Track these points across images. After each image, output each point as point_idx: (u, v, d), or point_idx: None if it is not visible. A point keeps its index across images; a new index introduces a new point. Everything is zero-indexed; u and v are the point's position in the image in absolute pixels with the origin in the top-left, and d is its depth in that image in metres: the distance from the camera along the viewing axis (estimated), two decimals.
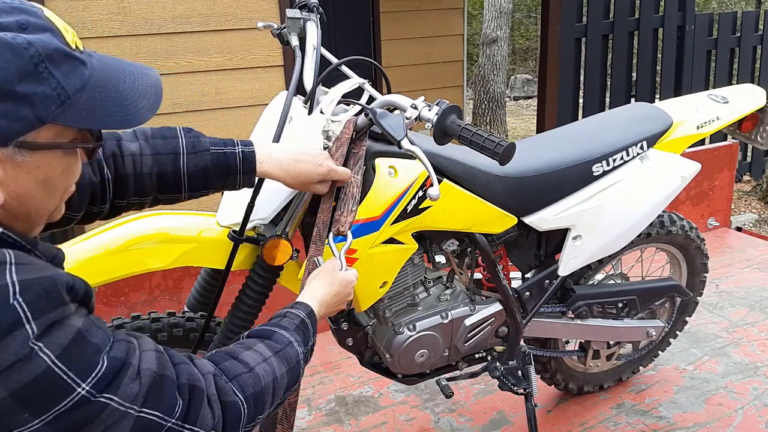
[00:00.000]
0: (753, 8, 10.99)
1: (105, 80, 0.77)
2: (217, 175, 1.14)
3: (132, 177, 1.08)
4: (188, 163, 1.12)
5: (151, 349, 0.80)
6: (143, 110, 0.80)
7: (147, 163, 1.09)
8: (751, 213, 5.49)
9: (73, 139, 0.76)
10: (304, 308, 1.06)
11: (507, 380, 1.81)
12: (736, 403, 2.15)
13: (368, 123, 1.33)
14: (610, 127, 1.85)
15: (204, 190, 1.17)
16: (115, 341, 0.76)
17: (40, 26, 0.71)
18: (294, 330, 1.00)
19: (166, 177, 1.11)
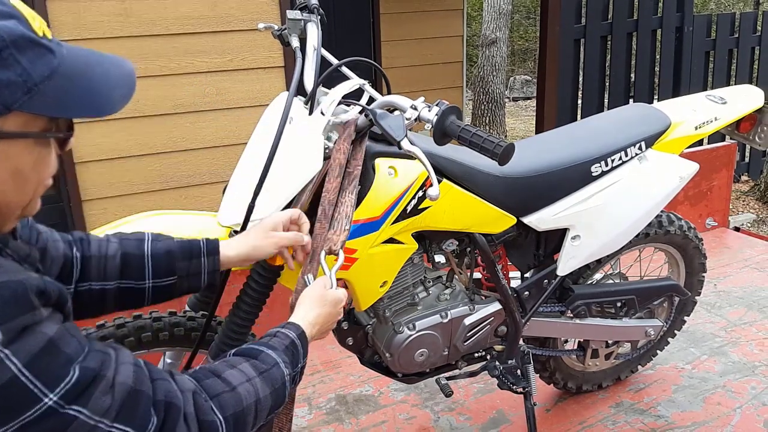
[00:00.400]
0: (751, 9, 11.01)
1: (75, 69, 0.75)
2: (182, 258, 1.12)
3: (96, 258, 1.06)
4: (153, 246, 1.12)
5: (129, 363, 0.78)
6: (116, 100, 0.78)
7: (113, 247, 1.09)
8: (749, 213, 5.50)
9: (43, 129, 0.74)
10: (295, 329, 1.03)
11: (506, 379, 1.82)
12: (734, 402, 2.16)
13: (368, 123, 1.35)
14: (609, 127, 1.86)
15: (168, 278, 1.12)
16: (90, 351, 0.74)
17: (5, 13, 0.70)
18: (282, 351, 0.98)
19: (131, 259, 1.09)
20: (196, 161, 3.49)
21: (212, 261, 1.15)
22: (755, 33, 5.94)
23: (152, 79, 3.29)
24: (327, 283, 1.15)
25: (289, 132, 1.34)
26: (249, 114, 3.47)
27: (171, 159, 3.43)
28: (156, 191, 3.45)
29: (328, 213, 1.28)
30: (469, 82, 8.80)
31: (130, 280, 1.09)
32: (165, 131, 3.38)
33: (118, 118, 3.28)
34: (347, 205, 1.27)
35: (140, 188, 3.41)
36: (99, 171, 3.31)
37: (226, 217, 1.35)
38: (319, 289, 1.13)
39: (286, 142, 1.30)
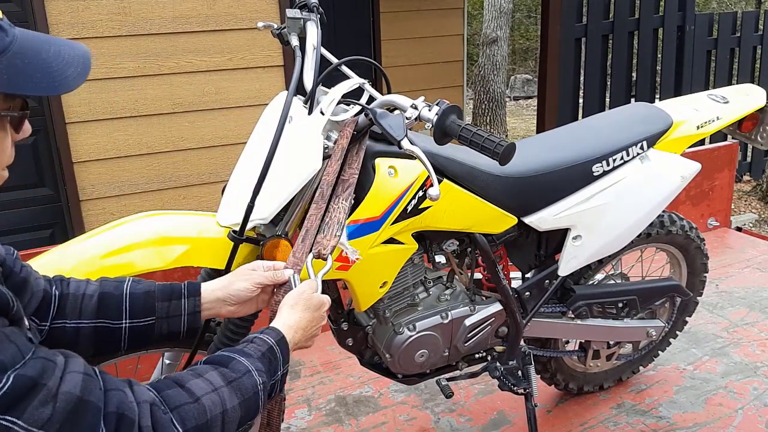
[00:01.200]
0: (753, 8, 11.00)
1: (27, 48, 0.76)
2: (161, 299, 1.07)
3: (73, 296, 1.03)
4: (132, 286, 1.08)
5: (79, 372, 0.74)
6: (70, 78, 0.79)
7: (91, 287, 1.06)
8: (751, 213, 5.49)
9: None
10: (274, 335, 0.98)
11: (507, 380, 1.81)
12: (736, 403, 2.15)
13: (368, 123, 1.34)
14: (610, 127, 1.85)
15: (146, 319, 1.06)
16: (31, 359, 0.70)
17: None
18: (258, 358, 0.92)
19: (108, 298, 1.05)
20: (195, 161, 3.48)
21: (192, 302, 1.09)
22: (757, 32, 5.93)
23: (151, 78, 3.29)
24: (313, 286, 1.09)
25: (289, 131, 1.33)
26: (248, 113, 3.46)
27: (170, 159, 3.43)
28: (155, 191, 3.44)
29: (326, 194, 1.26)
30: (469, 82, 8.79)
31: (106, 319, 1.04)
32: (164, 131, 3.38)
33: (116, 117, 3.27)
34: (340, 211, 1.23)
35: (139, 188, 3.41)
36: (97, 171, 3.30)
37: (225, 216, 1.35)
38: (304, 292, 1.07)
39: (285, 141, 1.29)
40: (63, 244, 1.32)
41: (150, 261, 1.29)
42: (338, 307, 1.64)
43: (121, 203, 3.39)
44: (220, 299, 1.11)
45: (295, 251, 1.18)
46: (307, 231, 1.22)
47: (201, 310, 1.10)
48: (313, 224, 1.22)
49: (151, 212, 1.40)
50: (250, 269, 1.14)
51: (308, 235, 1.21)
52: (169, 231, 1.33)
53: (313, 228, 1.21)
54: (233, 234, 1.31)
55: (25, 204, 3.27)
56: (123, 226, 1.34)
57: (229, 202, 1.36)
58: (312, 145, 1.34)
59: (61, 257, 1.26)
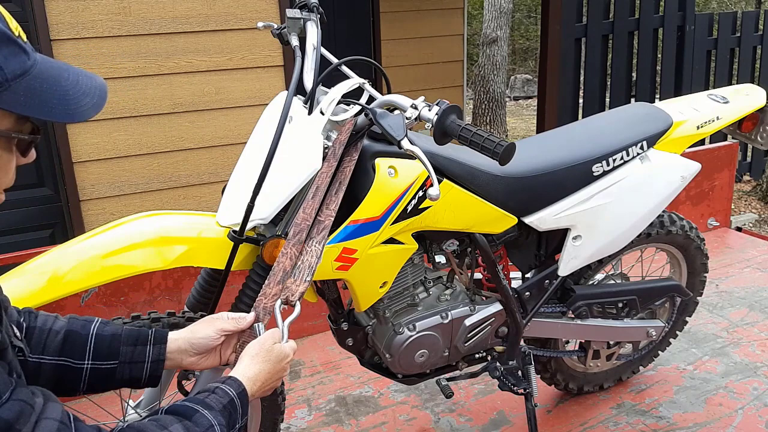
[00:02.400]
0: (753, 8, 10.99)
1: (47, 73, 0.76)
2: (127, 343, 1.06)
3: (39, 330, 1.02)
4: (99, 328, 1.06)
5: (55, 419, 0.74)
6: (86, 107, 0.78)
7: (59, 324, 1.05)
8: (751, 213, 5.49)
9: (8, 129, 0.74)
10: (236, 386, 0.97)
11: (507, 380, 1.81)
12: (736, 403, 2.15)
13: (368, 123, 1.34)
14: (610, 127, 1.85)
15: (109, 362, 1.04)
16: (10, 401, 0.70)
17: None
18: (220, 411, 0.92)
19: (74, 337, 1.03)
20: (195, 161, 3.48)
21: (157, 350, 1.07)
22: (757, 32, 5.93)
23: (151, 78, 3.28)
24: (276, 336, 1.06)
25: (289, 131, 1.33)
26: (248, 113, 3.46)
27: (170, 159, 3.43)
28: (155, 191, 3.44)
29: (317, 195, 1.25)
30: (469, 81, 8.79)
31: (69, 358, 1.02)
32: (163, 131, 3.37)
33: (116, 117, 3.27)
34: (312, 255, 1.18)
35: (139, 188, 3.41)
36: (97, 171, 3.30)
37: (225, 217, 1.35)
38: (266, 342, 1.05)
39: (285, 141, 1.30)
40: (63, 244, 1.32)
41: (150, 261, 1.29)
42: (338, 307, 1.64)
43: (121, 203, 3.39)
44: (181, 349, 1.09)
45: (265, 291, 1.13)
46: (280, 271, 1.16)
47: (164, 358, 1.08)
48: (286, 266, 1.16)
49: (151, 212, 1.40)
50: (214, 317, 1.12)
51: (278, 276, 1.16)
52: (169, 231, 1.33)
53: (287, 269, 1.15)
54: (233, 234, 1.31)
55: (25, 204, 3.27)
56: (123, 226, 1.34)
57: (229, 202, 1.36)
58: (312, 145, 1.34)
59: (61, 257, 1.26)
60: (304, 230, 1.20)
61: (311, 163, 1.33)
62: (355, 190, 1.41)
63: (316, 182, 1.29)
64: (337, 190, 1.32)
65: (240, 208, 1.30)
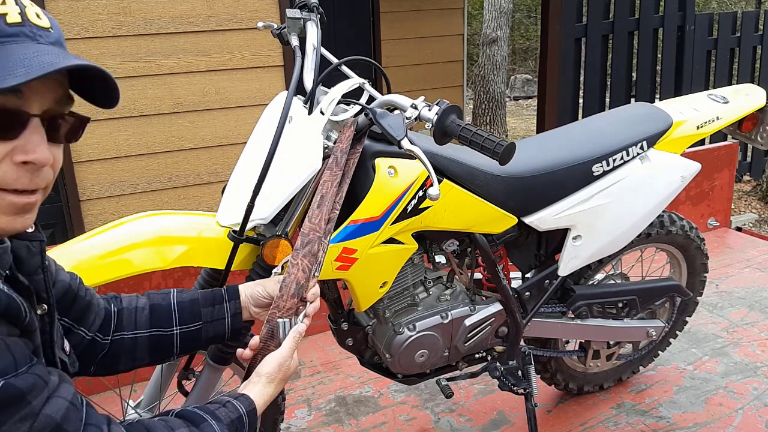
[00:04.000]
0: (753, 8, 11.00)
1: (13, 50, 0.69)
2: (206, 305, 1.17)
3: (127, 310, 1.13)
4: (178, 296, 1.18)
5: (66, 399, 0.75)
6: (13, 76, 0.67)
7: (141, 300, 1.16)
8: (751, 213, 5.49)
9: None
10: (247, 404, 0.97)
11: (507, 380, 1.81)
12: (736, 403, 2.15)
13: (368, 123, 1.34)
14: (610, 127, 1.85)
15: (194, 324, 1.15)
16: (25, 373, 0.71)
17: None
18: (227, 424, 0.93)
19: (158, 309, 1.15)
20: (195, 161, 3.48)
21: (233, 305, 1.18)
22: (757, 32, 5.92)
23: (150, 78, 3.29)
24: (284, 360, 1.06)
25: (289, 131, 1.33)
26: (248, 113, 3.46)
27: (170, 159, 3.43)
28: (155, 191, 3.44)
29: (322, 204, 1.25)
30: (469, 81, 8.80)
31: (159, 328, 1.14)
32: (163, 131, 3.37)
33: (116, 117, 3.27)
34: (299, 269, 1.15)
35: (139, 188, 3.41)
36: (97, 171, 3.30)
37: (225, 216, 1.35)
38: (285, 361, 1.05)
39: (285, 141, 1.30)
40: (63, 244, 1.32)
41: (150, 261, 1.29)
42: (338, 307, 1.64)
43: (121, 203, 3.39)
44: (246, 299, 1.18)
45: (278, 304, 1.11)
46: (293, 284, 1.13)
47: (241, 311, 1.18)
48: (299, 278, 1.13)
49: (151, 212, 1.40)
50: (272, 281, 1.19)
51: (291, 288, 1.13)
52: (169, 231, 1.33)
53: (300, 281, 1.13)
54: (233, 234, 1.31)
55: None
56: (123, 226, 1.34)
57: (229, 202, 1.36)
58: (312, 145, 1.34)
59: (60, 257, 1.26)
60: (315, 242, 1.19)
61: (311, 163, 1.33)
62: (355, 189, 1.41)
63: (320, 191, 1.27)
64: (341, 183, 1.32)
65: (240, 208, 1.30)
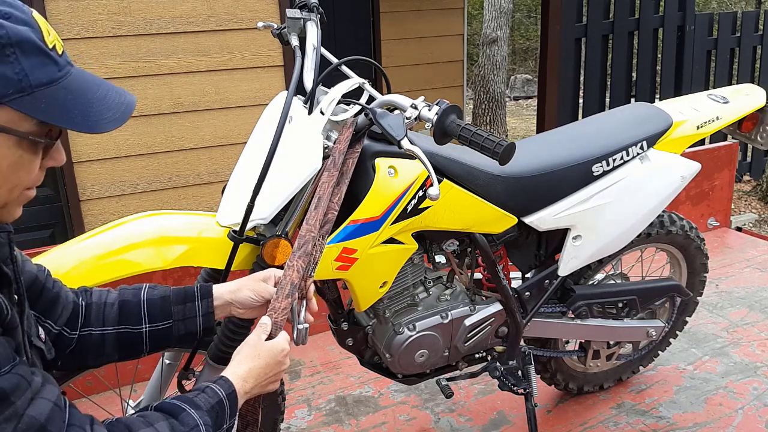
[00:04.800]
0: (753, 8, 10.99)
1: (76, 85, 0.78)
2: (176, 302, 1.14)
3: (96, 305, 1.11)
4: (148, 293, 1.15)
5: (50, 400, 0.76)
6: (106, 121, 0.80)
7: (112, 296, 1.13)
8: (751, 213, 5.49)
9: (29, 132, 0.75)
10: (226, 387, 0.98)
11: (507, 380, 1.81)
12: (736, 403, 2.15)
13: (368, 123, 1.34)
14: (610, 127, 1.85)
15: (164, 322, 1.12)
16: (9, 373, 0.72)
17: (21, 20, 0.73)
18: (207, 411, 0.93)
19: (128, 306, 1.12)
20: (195, 161, 3.48)
21: (205, 304, 1.15)
22: (757, 32, 5.92)
23: (150, 78, 3.28)
24: (262, 333, 1.06)
25: (289, 131, 1.33)
26: (248, 113, 3.46)
27: (170, 159, 3.43)
28: (154, 191, 3.44)
29: (319, 206, 1.25)
30: (469, 81, 8.79)
31: (127, 325, 1.11)
32: (163, 131, 3.37)
33: None
34: (317, 249, 1.19)
35: (139, 188, 3.41)
36: (97, 171, 3.30)
37: (225, 216, 1.35)
38: (252, 339, 1.06)
39: (285, 141, 1.29)
40: (63, 244, 1.32)
41: (150, 261, 1.29)
42: (338, 307, 1.64)
43: (121, 203, 3.39)
44: (227, 302, 1.16)
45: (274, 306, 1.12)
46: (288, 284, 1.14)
47: (213, 311, 1.15)
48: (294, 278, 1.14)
49: (151, 212, 1.40)
50: (261, 278, 1.16)
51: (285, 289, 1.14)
52: (169, 231, 1.33)
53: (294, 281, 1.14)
54: (233, 234, 1.31)
55: (25, 204, 3.27)
56: (123, 226, 1.34)
57: (229, 202, 1.36)
58: (312, 144, 1.34)
59: (61, 257, 1.26)
60: (309, 242, 1.20)
61: (311, 162, 1.33)
62: (355, 190, 1.42)
63: (318, 193, 1.28)
64: (340, 183, 1.32)
65: (240, 208, 1.30)
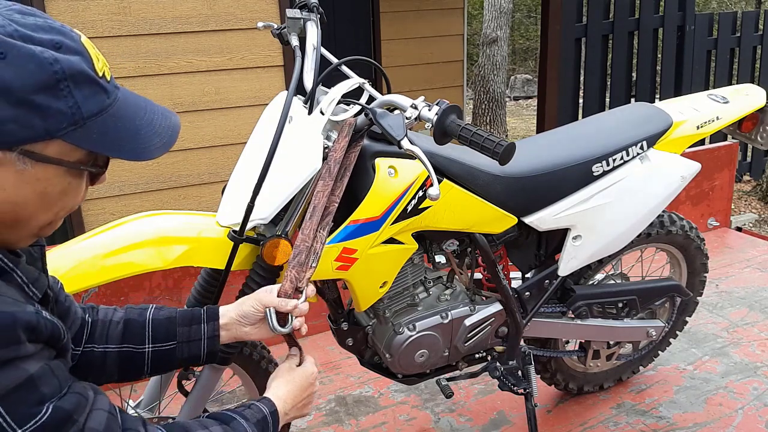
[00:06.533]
0: (753, 8, 10.99)
1: (123, 111, 0.78)
2: (182, 324, 1.14)
3: (102, 322, 1.11)
4: (154, 313, 1.15)
5: (104, 410, 0.79)
6: (154, 147, 0.81)
7: (118, 314, 1.13)
8: (751, 213, 5.49)
9: (78, 161, 0.76)
10: (268, 405, 1.04)
11: (507, 380, 1.81)
12: (736, 403, 2.15)
13: (368, 123, 1.33)
14: (610, 127, 1.85)
15: (167, 343, 1.13)
16: (68, 393, 0.75)
17: (72, 48, 0.73)
18: (254, 423, 0.98)
19: (132, 325, 1.12)
20: (195, 161, 3.48)
21: (211, 326, 1.16)
22: (757, 32, 5.93)
23: (151, 78, 3.29)
24: (293, 361, 1.15)
25: (289, 131, 1.33)
26: (248, 113, 3.46)
27: (169, 159, 3.43)
28: (154, 191, 3.44)
29: (314, 215, 1.26)
30: (469, 81, 8.79)
31: (130, 344, 1.11)
32: None
33: None
34: (318, 241, 1.23)
35: (139, 188, 3.41)
36: None
37: (225, 217, 1.35)
38: (285, 367, 1.14)
39: (285, 141, 1.29)
40: (63, 244, 1.32)
41: (150, 261, 1.29)
42: (338, 307, 1.64)
43: (121, 203, 3.39)
44: (234, 320, 1.16)
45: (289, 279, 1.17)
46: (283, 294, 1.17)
47: (218, 333, 1.15)
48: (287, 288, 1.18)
49: (151, 212, 1.40)
50: (264, 291, 1.18)
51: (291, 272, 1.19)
52: (169, 231, 1.33)
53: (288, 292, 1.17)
54: (233, 234, 1.31)
55: None
56: (123, 226, 1.34)
57: (229, 202, 1.36)
58: (312, 145, 1.34)
59: (60, 257, 1.26)
60: (303, 252, 1.22)
61: (311, 163, 1.33)
62: (355, 189, 1.42)
63: (313, 202, 1.28)
64: (342, 176, 1.32)
65: (240, 208, 1.30)
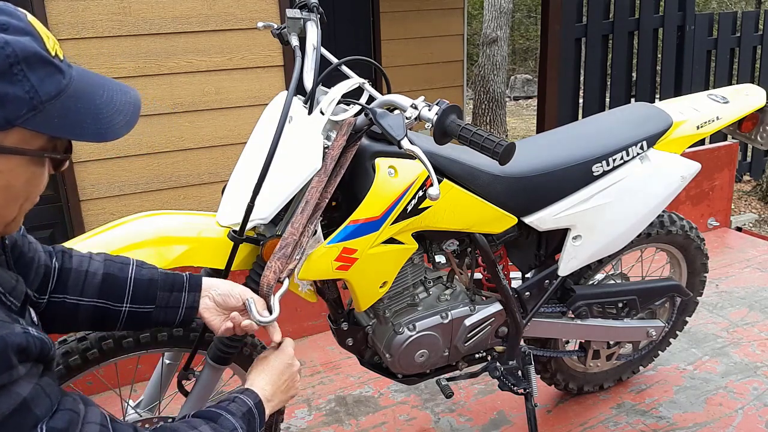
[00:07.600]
0: (753, 8, 10.99)
1: (82, 91, 0.75)
2: (164, 288, 1.10)
3: (75, 272, 1.04)
4: (137, 272, 1.10)
5: (96, 422, 0.79)
6: (118, 126, 0.78)
7: (95, 265, 1.07)
8: (751, 213, 5.49)
9: (41, 148, 0.73)
10: (252, 397, 1.03)
11: (507, 380, 1.81)
12: (736, 403, 2.15)
13: (368, 123, 1.33)
14: (610, 127, 1.85)
15: (146, 306, 1.09)
16: (60, 411, 0.74)
17: (21, 29, 0.70)
18: (241, 417, 0.98)
19: (112, 280, 1.06)
20: (195, 161, 3.48)
21: (192, 297, 1.12)
22: (757, 32, 5.93)
23: (150, 78, 3.28)
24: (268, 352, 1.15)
25: (289, 131, 1.33)
26: (248, 113, 3.46)
27: (170, 158, 3.43)
28: (154, 191, 3.44)
29: (305, 210, 1.27)
30: (469, 81, 8.80)
31: (107, 300, 1.06)
32: (163, 131, 3.37)
33: None
34: (305, 235, 1.24)
35: (139, 188, 3.41)
36: (97, 171, 3.30)
37: (225, 216, 1.35)
38: (262, 354, 1.14)
39: (285, 141, 1.29)
40: (63, 244, 1.32)
41: (150, 261, 1.28)
42: (338, 307, 1.64)
43: (121, 203, 3.39)
44: (210, 298, 1.15)
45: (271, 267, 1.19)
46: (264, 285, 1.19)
47: (197, 306, 1.13)
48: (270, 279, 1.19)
49: (151, 212, 1.40)
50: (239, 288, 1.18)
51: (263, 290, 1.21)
52: (169, 231, 1.33)
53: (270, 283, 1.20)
54: (233, 234, 1.31)
55: None
56: (123, 226, 1.34)
57: (229, 201, 1.36)
58: (312, 144, 1.34)
59: None
60: (290, 245, 1.23)
61: (311, 162, 1.33)
62: (355, 190, 1.42)
63: (306, 197, 1.29)
64: (336, 174, 1.32)
65: (240, 208, 1.30)
